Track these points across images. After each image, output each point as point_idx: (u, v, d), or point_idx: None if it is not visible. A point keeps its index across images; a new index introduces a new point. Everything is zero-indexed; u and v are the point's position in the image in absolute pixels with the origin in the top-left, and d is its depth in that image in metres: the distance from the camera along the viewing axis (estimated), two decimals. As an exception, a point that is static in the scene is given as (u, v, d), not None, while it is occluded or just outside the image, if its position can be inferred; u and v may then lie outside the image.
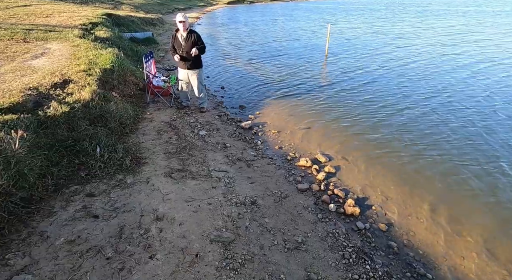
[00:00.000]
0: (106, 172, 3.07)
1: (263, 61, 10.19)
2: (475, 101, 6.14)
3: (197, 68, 4.87)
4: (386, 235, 2.85)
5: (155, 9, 23.25)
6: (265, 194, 3.15)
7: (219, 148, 4.05)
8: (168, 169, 3.31)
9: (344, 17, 28.02)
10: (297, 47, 12.73)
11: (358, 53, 11.17)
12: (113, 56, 5.53)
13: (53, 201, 2.60)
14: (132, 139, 3.89)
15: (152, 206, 2.68)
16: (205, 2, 44.09)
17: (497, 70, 8.48)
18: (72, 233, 2.28)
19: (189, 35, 4.59)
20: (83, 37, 6.97)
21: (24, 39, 6.30)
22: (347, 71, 8.71)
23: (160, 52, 9.96)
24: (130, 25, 12.31)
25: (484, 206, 3.25)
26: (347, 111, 5.78)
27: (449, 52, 10.75)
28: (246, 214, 2.77)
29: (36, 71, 4.39)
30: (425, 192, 3.46)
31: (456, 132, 4.85)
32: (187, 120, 4.80)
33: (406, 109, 5.84)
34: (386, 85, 7.32)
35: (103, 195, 2.76)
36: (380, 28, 18.22)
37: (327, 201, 3.19)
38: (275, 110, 5.84)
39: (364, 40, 13.98)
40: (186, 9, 31.36)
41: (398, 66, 9.18)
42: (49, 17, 9.34)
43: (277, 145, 4.44)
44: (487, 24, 18.90)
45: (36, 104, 3.52)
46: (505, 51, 10.72)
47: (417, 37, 14.47)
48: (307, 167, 3.88)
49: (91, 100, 3.87)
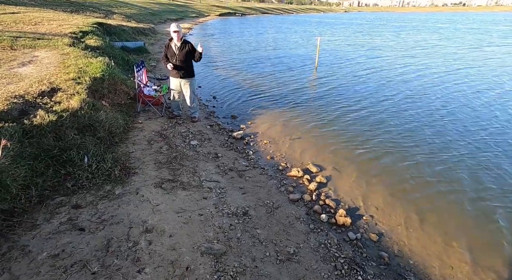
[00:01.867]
0: (93, 183, 2.98)
1: (254, 71, 10.33)
2: (466, 116, 6.36)
3: (190, 77, 4.89)
4: (377, 245, 2.86)
5: (147, 19, 23.35)
6: (257, 205, 3.13)
7: (211, 158, 4.02)
8: (159, 180, 3.25)
9: (328, 30, 29.78)
10: (288, 58, 13.02)
11: (345, 65, 11.58)
12: (104, 64, 5.48)
13: (37, 213, 2.50)
14: (122, 148, 3.82)
15: (141, 218, 2.61)
16: (197, 13, 44.73)
17: (463, 78, 9.49)
18: (56, 247, 2.19)
19: (183, 44, 4.63)
20: (73, 45, 6.90)
21: (11, 46, 6.17)
22: (337, 82, 8.93)
23: (151, 62, 9.94)
24: (121, 35, 12.29)
25: (473, 216, 3.32)
26: (338, 121, 5.89)
27: (419, 64, 11.60)
28: (238, 225, 2.74)
29: (22, 79, 4.29)
30: (415, 202, 3.51)
31: (447, 142, 5.00)
32: (179, 130, 4.77)
33: (396, 120, 5.99)
34: (375, 96, 7.52)
35: (90, 207, 2.67)
36: (363, 41, 19.44)
37: (318, 211, 3.19)
38: (266, 120, 5.88)
39: (349, 52, 14.82)
40: (178, 19, 31.67)
41: (384, 77, 9.53)
42: (38, 24, 9.21)
43: (268, 155, 4.45)
44: (457, 39, 20.89)
45: (21, 113, 3.42)
46: (464, 62, 12.19)
47: (391, 49, 15.86)
48: (298, 177, 3.89)
49: (79, 108, 3.79)
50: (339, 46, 17.17)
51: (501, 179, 3.96)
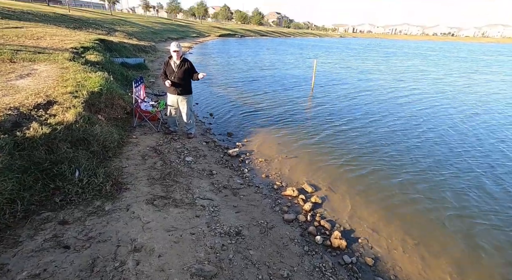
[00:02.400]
0: (83, 198, 2.89)
1: (251, 90, 10.51)
2: (452, 138, 6.49)
3: (188, 94, 4.95)
4: (373, 270, 2.78)
5: (148, 37, 23.97)
6: (251, 224, 3.05)
7: (205, 175, 3.97)
8: (151, 196, 3.17)
9: (323, 53, 31.29)
10: (284, 78, 13.34)
11: (339, 86, 11.92)
12: (102, 79, 5.53)
13: (21, 229, 2.39)
14: (115, 163, 3.75)
15: (130, 236, 2.52)
16: (198, 34, 46.16)
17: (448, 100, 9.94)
18: (37, 266, 2.07)
19: (182, 63, 4.72)
20: (73, 60, 6.98)
21: (11, 59, 6.22)
22: (332, 103, 9.11)
23: (150, 78, 10.08)
24: (122, 51, 12.54)
25: (473, 244, 3.27)
26: (334, 141, 5.93)
27: (412, 88, 12.03)
28: (230, 246, 2.65)
29: (19, 91, 4.28)
30: (411, 225, 3.47)
31: (443, 166, 5.03)
32: (174, 146, 4.74)
33: (391, 141, 6.06)
34: (368, 117, 7.65)
35: (77, 223, 2.57)
36: (356, 65, 20.25)
37: (313, 233, 3.12)
38: (262, 139, 5.90)
39: (343, 74, 15.45)
40: (179, 38, 32.58)
41: (376, 99, 9.80)
42: (39, 39, 9.37)
43: (264, 174, 4.41)
44: (445, 65, 22.22)
45: (14, 125, 3.38)
46: (451, 87, 12.90)
47: (382, 73, 16.56)
48: (293, 197, 3.84)
49: (74, 122, 3.77)
50: (334, 68, 17.86)
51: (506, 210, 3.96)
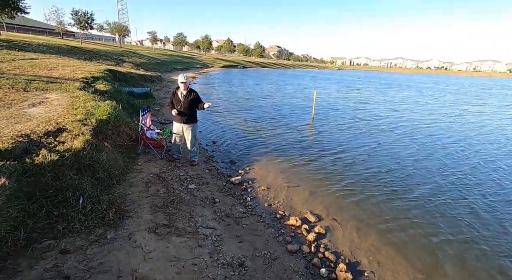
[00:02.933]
0: (85, 226, 2.87)
1: (254, 118, 10.76)
2: (446, 166, 6.52)
3: (193, 122, 5.10)
4: (382, 305, 2.66)
5: (154, 68, 25.08)
6: (254, 255, 2.98)
7: (208, 203, 3.95)
8: (153, 224, 3.15)
9: (322, 84, 32.59)
10: (286, 108, 13.72)
11: (339, 116, 12.29)
12: (110, 108, 5.74)
13: (21, 258, 2.36)
14: (119, 190, 3.77)
15: (132, 266, 2.46)
16: (202, 65, 48.26)
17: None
18: (36, 297, 2.02)
19: (189, 93, 4.94)
20: (83, 89, 7.29)
21: (24, 88, 6.51)
22: (334, 132, 9.28)
23: (156, 106, 10.39)
24: (129, 81, 13.08)
25: (482, 272, 3.17)
26: (336, 170, 5.95)
27: (409, 118, 12.40)
28: (233, 278, 2.57)
29: (31, 119, 4.44)
30: (417, 258, 3.37)
31: (447, 193, 5.01)
32: (177, 173, 4.77)
33: (393, 169, 6.09)
34: (371, 147, 7.75)
35: (79, 252, 2.54)
36: (353, 95, 21.20)
37: (318, 264, 3.03)
38: (265, 167, 5.93)
39: (341, 104, 16.08)
40: (184, 69, 34.02)
41: (374, 127, 10.03)
42: (52, 69, 9.86)
43: (266, 202, 4.38)
44: (438, 97, 23.30)
45: (24, 151, 3.46)
46: (443, 116, 13.70)
47: (377, 103, 17.06)
48: (296, 227, 3.78)
49: (82, 149, 3.85)
50: (332, 98, 18.55)
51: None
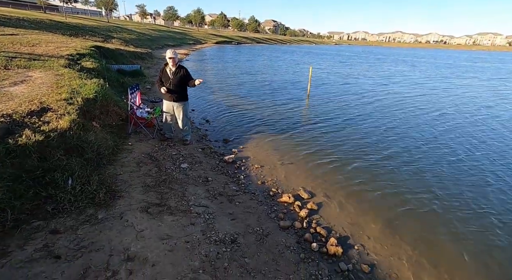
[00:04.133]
0: (76, 206, 2.85)
1: (248, 97, 10.56)
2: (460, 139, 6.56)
3: (183, 100, 4.95)
4: (369, 277, 2.75)
5: (145, 44, 24.08)
6: (246, 232, 3.02)
7: (201, 182, 3.94)
8: (145, 204, 3.14)
9: (316, 59, 32.49)
10: (280, 84, 13.47)
11: (333, 92, 12.16)
12: (98, 86, 5.52)
13: (10, 239, 2.34)
14: (109, 170, 3.71)
15: (124, 245, 2.47)
16: (195, 41, 46.51)
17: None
18: (27, 277, 2.02)
19: (178, 69, 4.74)
20: (68, 66, 6.97)
21: (5, 66, 6.19)
22: (328, 109, 9.18)
23: (146, 84, 10.09)
24: (118, 58, 12.56)
25: (467, 249, 3.27)
26: (330, 148, 5.95)
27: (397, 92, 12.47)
28: (226, 254, 2.61)
29: (12, 98, 4.25)
30: (408, 231, 3.46)
31: (442, 170, 5.06)
32: (169, 152, 4.71)
33: (387, 146, 6.10)
34: (366, 123, 7.72)
35: (69, 232, 2.52)
36: (348, 71, 20.79)
37: (309, 239, 3.09)
38: (258, 145, 5.90)
39: (335, 80, 15.98)
40: (176, 46, 32.77)
41: (368, 103, 9.99)
42: (35, 46, 9.36)
43: (259, 180, 4.39)
44: (428, 71, 23.63)
45: (6, 132, 3.33)
46: (430, 89, 14.25)
47: (368, 78, 16.62)
48: (289, 203, 3.82)
49: (68, 129, 3.74)
50: (328, 74, 18.31)
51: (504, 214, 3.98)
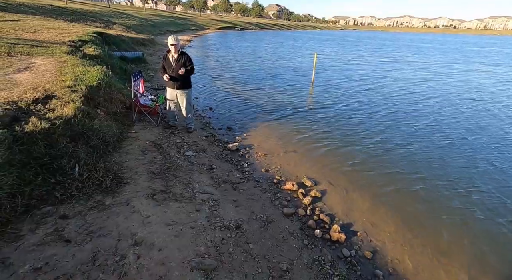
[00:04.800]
0: (83, 192, 2.90)
1: (251, 84, 10.45)
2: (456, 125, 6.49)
3: (186, 88, 4.92)
4: (372, 263, 2.81)
5: (147, 30, 23.71)
6: (250, 218, 3.07)
7: (205, 170, 3.97)
8: (151, 190, 3.18)
9: (320, 46, 32.08)
10: (285, 71, 13.27)
11: (337, 79, 12.01)
12: (101, 73, 5.49)
13: (22, 223, 2.41)
14: (115, 158, 3.75)
15: (131, 230, 2.53)
16: (197, 27, 45.64)
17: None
18: (39, 259, 2.09)
19: (180, 56, 4.68)
20: (71, 53, 6.91)
21: (8, 52, 6.16)
22: (331, 96, 9.07)
23: (149, 72, 10.01)
24: (120, 44, 12.41)
25: (469, 235, 3.30)
26: (333, 135, 5.92)
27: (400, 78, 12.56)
28: (230, 239, 2.67)
29: (17, 85, 4.25)
30: (410, 218, 3.49)
31: (445, 158, 5.04)
32: (173, 140, 4.73)
33: (390, 134, 6.06)
34: (369, 110, 7.63)
35: (78, 217, 2.59)
36: (353, 56, 20.64)
37: (313, 226, 3.14)
38: (262, 133, 5.89)
39: (340, 66, 15.90)
40: (178, 32, 32.22)
41: (371, 90, 9.90)
42: (37, 32, 9.26)
43: (263, 168, 4.42)
44: (433, 57, 23.64)
45: (13, 119, 3.36)
46: (429, 73, 14.89)
47: (370, 64, 16.57)
48: (293, 191, 3.85)
49: (73, 116, 3.75)
50: (331, 61, 18.09)
51: (498, 198, 3.98)
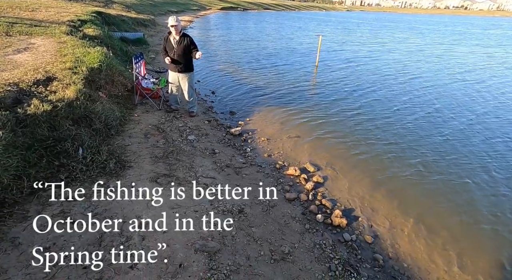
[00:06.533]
0: (88, 175, 2.92)
1: (254, 67, 10.25)
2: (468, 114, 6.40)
3: (188, 71, 4.82)
4: (372, 247, 2.86)
5: (147, 10, 23.01)
6: (253, 203, 3.10)
7: (208, 154, 3.98)
8: (154, 174, 3.21)
9: (319, 26, 31.90)
10: (288, 55, 12.98)
11: (342, 63, 11.76)
12: (102, 55, 5.38)
13: (28, 204, 2.45)
14: (118, 141, 3.75)
15: (136, 213, 2.57)
16: (199, 7, 44.19)
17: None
18: (47, 240, 2.14)
19: (182, 38, 4.55)
20: (70, 33, 6.76)
21: (7, 32, 6.03)
22: (337, 81, 8.90)
23: (151, 54, 9.81)
24: (121, 25, 12.09)
25: (468, 222, 3.33)
26: (337, 121, 5.87)
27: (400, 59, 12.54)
28: (233, 223, 2.71)
29: (17, 66, 4.19)
30: (411, 204, 3.52)
31: (446, 145, 5.02)
32: (176, 124, 4.71)
33: (395, 120, 6.00)
34: (374, 96, 7.51)
35: (84, 199, 2.63)
36: (358, 38, 20.11)
37: (314, 211, 3.18)
38: (265, 118, 5.84)
39: (343, 49, 15.56)
40: (179, 12, 31.26)
41: (375, 74, 9.83)
42: (35, 11, 9.02)
43: (266, 153, 4.42)
44: (434, 37, 24.09)
45: (15, 101, 3.34)
46: (429, 56, 14.71)
47: (383, 47, 16.24)
48: (295, 176, 3.87)
49: (75, 99, 3.72)
50: (336, 44, 17.64)
51: (494, 186, 3.98)
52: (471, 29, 36.20)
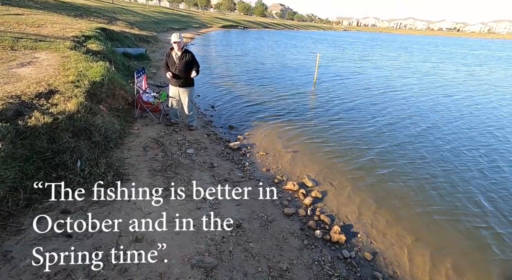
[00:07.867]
0: (85, 188, 2.90)
1: (253, 83, 10.44)
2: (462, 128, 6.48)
3: (189, 86, 4.91)
4: (371, 264, 2.81)
5: (150, 27, 23.68)
6: (251, 217, 3.07)
7: (206, 168, 3.98)
8: (152, 187, 3.19)
9: (315, 45, 33.06)
10: (287, 71, 13.27)
11: (339, 79, 12.07)
12: (104, 69, 5.48)
13: (23, 217, 2.41)
14: (117, 154, 3.76)
15: (132, 226, 2.53)
16: (200, 24, 45.58)
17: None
18: (41, 253, 2.09)
19: (184, 54, 4.67)
20: (74, 48, 6.91)
21: (12, 47, 6.16)
22: (335, 97, 9.06)
23: (152, 69, 10.00)
24: (123, 41, 12.40)
25: (467, 238, 3.30)
26: (335, 136, 5.92)
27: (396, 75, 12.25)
28: (231, 238, 2.67)
29: (20, 80, 4.26)
30: (410, 221, 3.49)
31: (446, 161, 5.05)
32: (175, 138, 4.73)
33: (392, 135, 6.06)
34: (371, 111, 7.62)
35: (79, 213, 2.59)
36: (351, 55, 20.84)
37: (313, 227, 3.14)
38: (264, 132, 5.89)
39: (340, 67, 16.09)
40: (181, 29, 32.17)
41: (376, 91, 9.88)
42: (40, 27, 9.26)
43: (264, 167, 4.42)
44: (420, 56, 25.65)
45: (16, 113, 3.36)
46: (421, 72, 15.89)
47: (378, 65, 16.53)
48: (294, 191, 3.85)
49: (76, 112, 3.75)
50: (334, 61, 18.30)
51: (500, 205, 3.97)
52: (459, 50, 38.01)
